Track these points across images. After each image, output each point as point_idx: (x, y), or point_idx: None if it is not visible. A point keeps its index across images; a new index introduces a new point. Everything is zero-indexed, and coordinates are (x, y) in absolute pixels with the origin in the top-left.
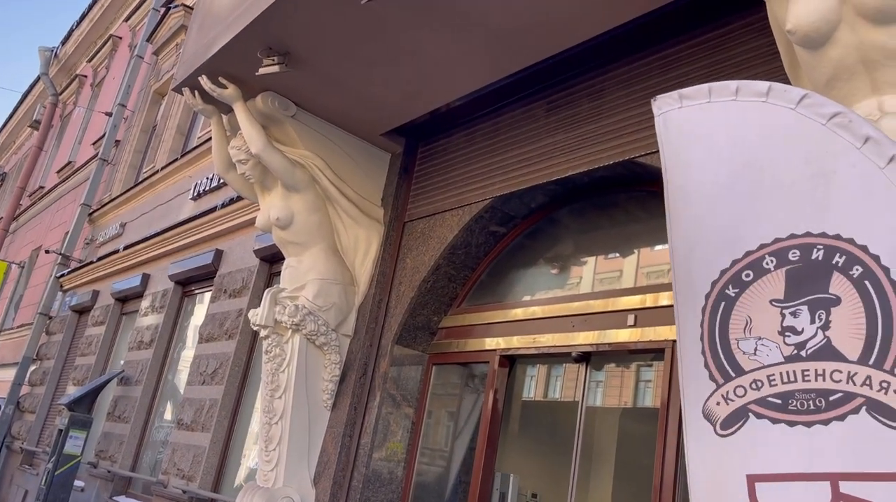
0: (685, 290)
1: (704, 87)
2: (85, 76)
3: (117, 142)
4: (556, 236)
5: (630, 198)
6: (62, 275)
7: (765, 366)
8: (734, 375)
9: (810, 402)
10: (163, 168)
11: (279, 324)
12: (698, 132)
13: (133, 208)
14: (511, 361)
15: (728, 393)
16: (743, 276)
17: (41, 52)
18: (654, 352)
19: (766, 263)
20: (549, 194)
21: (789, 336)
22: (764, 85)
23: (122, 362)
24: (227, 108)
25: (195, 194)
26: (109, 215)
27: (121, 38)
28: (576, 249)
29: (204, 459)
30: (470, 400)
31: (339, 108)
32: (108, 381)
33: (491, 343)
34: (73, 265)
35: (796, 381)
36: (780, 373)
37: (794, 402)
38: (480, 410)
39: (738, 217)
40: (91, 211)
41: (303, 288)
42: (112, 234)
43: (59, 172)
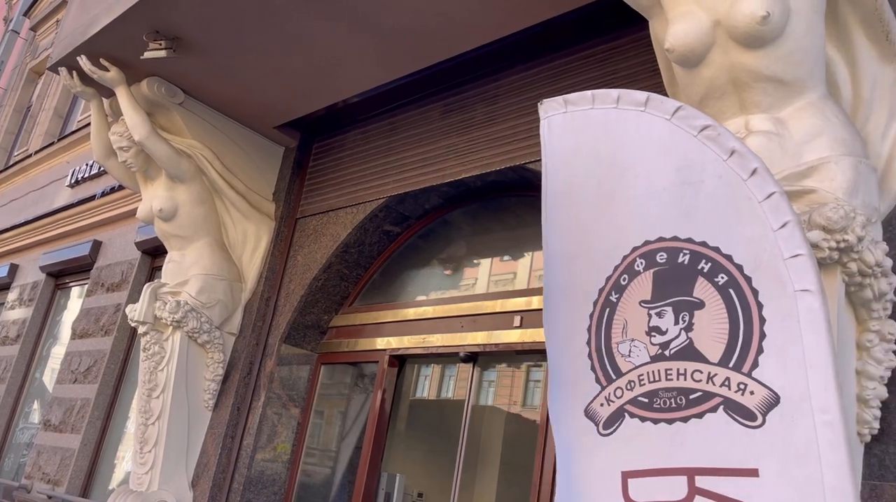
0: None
1: (588, 93)
2: None
3: None
4: (450, 237)
5: (521, 202)
6: None
7: (636, 367)
8: (615, 377)
9: (672, 400)
10: (37, 152)
11: (159, 321)
12: (581, 138)
13: (2, 193)
14: (401, 361)
15: (610, 394)
16: (621, 281)
17: None
18: (541, 353)
19: (637, 265)
20: (443, 196)
21: (655, 336)
22: (643, 95)
23: None
24: (108, 92)
25: (72, 181)
26: None
27: None
28: (469, 251)
29: (73, 462)
30: (359, 401)
31: (231, 98)
32: None
33: (381, 343)
34: None
35: (660, 380)
36: (648, 373)
37: (659, 401)
38: (368, 410)
39: (619, 223)
40: None
41: (186, 283)
42: None
43: None
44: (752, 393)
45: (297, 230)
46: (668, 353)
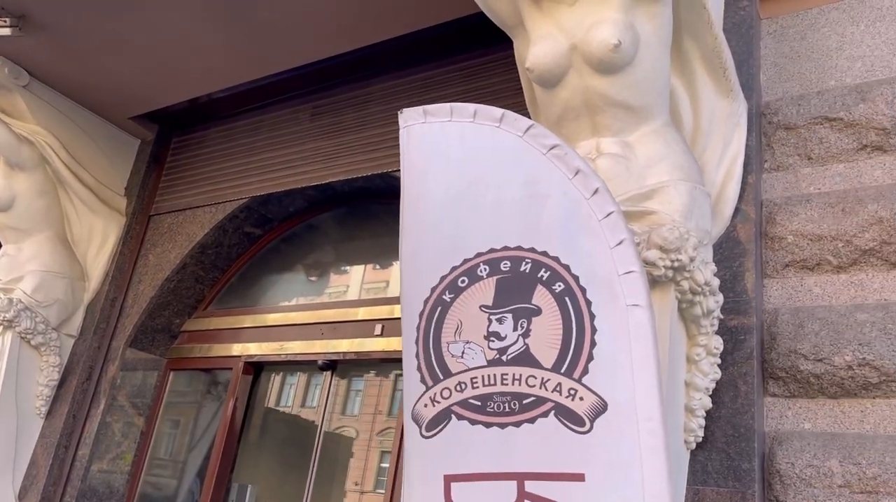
0: (408, 295)
1: (447, 106)
2: None
3: None
4: (315, 242)
5: (388, 209)
6: None
7: (469, 369)
8: (442, 377)
9: (506, 405)
10: None
11: None
12: (437, 147)
13: None
14: (256, 368)
15: (435, 395)
16: (459, 282)
17: None
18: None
19: (480, 271)
20: (308, 199)
21: (493, 341)
22: (499, 111)
23: None
24: None
25: None
26: None
27: None
28: (337, 257)
29: None
30: (211, 409)
31: (83, 85)
32: None
33: (236, 349)
34: None
35: (496, 384)
36: (483, 376)
37: (493, 404)
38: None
39: (462, 227)
40: None
41: (21, 279)
42: None
43: None
44: (581, 398)
45: (150, 228)
46: (505, 358)
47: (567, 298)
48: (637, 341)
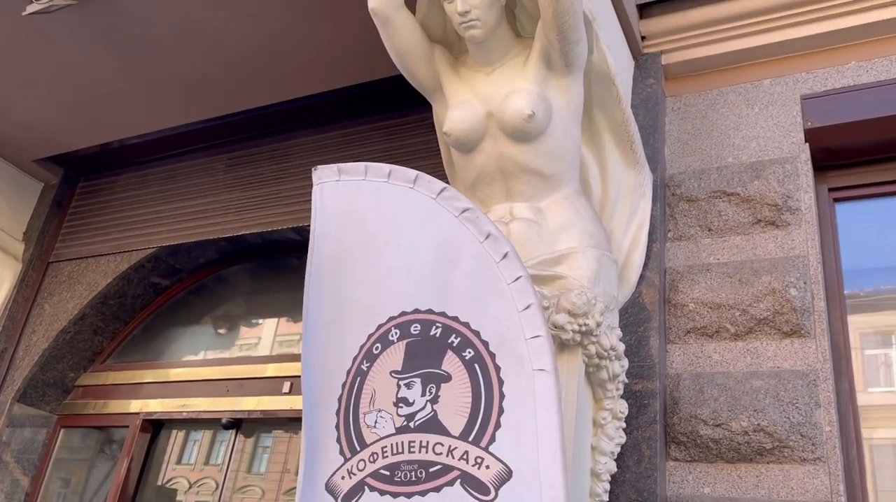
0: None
1: (362, 165)
2: None
3: None
4: (225, 295)
5: (302, 263)
6: None
7: (381, 439)
8: (359, 449)
9: (413, 473)
10: None
11: None
12: (351, 207)
13: None
14: (156, 426)
15: (352, 467)
16: (373, 350)
17: None
18: None
19: (392, 335)
20: (220, 250)
21: (402, 407)
22: (413, 173)
23: None
24: None
25: None
26: None
27: None
28: (248, 310)
29: None
30: (104, 469)
31: None
32: None
33: (135, 405)
34: None
35: (403, 453)
36: (392, 445)
37: (400, 473)
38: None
39: (377, 290)
40: None
41: None
42: None
43: None
44: (487, 467)
45: (48, 275)
46: (412, 425)
47: (477, 365)
48: (542, 407)
